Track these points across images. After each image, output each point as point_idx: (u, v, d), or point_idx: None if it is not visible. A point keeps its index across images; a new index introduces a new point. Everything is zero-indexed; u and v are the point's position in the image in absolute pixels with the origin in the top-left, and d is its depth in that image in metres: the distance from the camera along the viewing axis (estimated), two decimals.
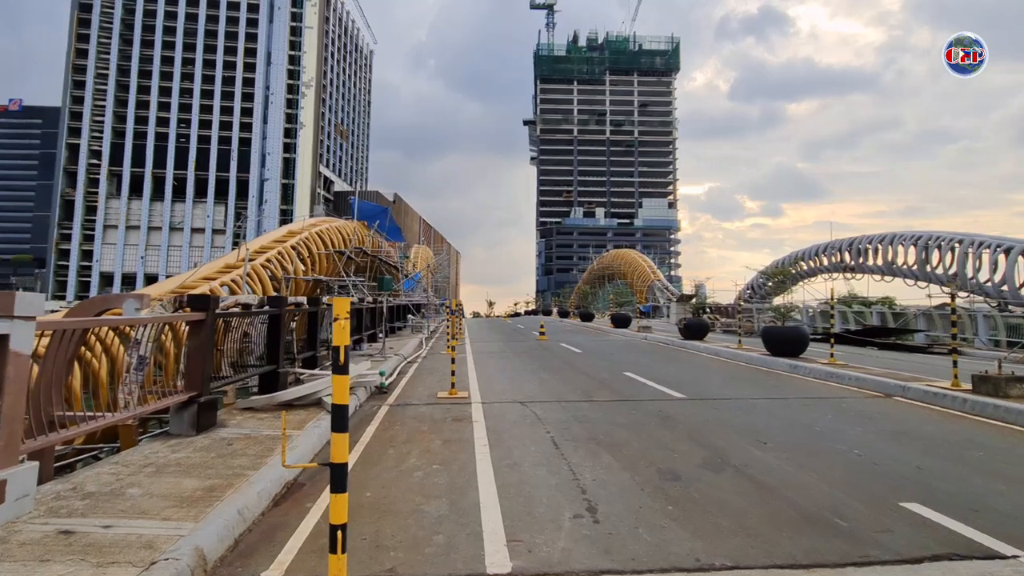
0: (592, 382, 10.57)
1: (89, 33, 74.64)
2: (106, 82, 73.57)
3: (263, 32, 79.90)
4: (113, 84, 74.19)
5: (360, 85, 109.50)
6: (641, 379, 10.86)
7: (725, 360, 14.50)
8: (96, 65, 73.98)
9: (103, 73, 73.97)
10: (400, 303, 24.18)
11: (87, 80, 74.12)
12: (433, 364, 13.51)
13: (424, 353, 16.00)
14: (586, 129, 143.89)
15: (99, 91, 74.20)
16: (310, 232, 19.79)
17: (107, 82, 73.65)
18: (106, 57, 74.95)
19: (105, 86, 73.51)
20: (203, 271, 14.30)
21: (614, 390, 9.62)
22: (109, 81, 73.92)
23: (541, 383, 10.51)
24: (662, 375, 11.40)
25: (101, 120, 72.94)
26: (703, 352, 16.11)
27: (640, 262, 61.94)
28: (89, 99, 73.56)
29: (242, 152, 77.61)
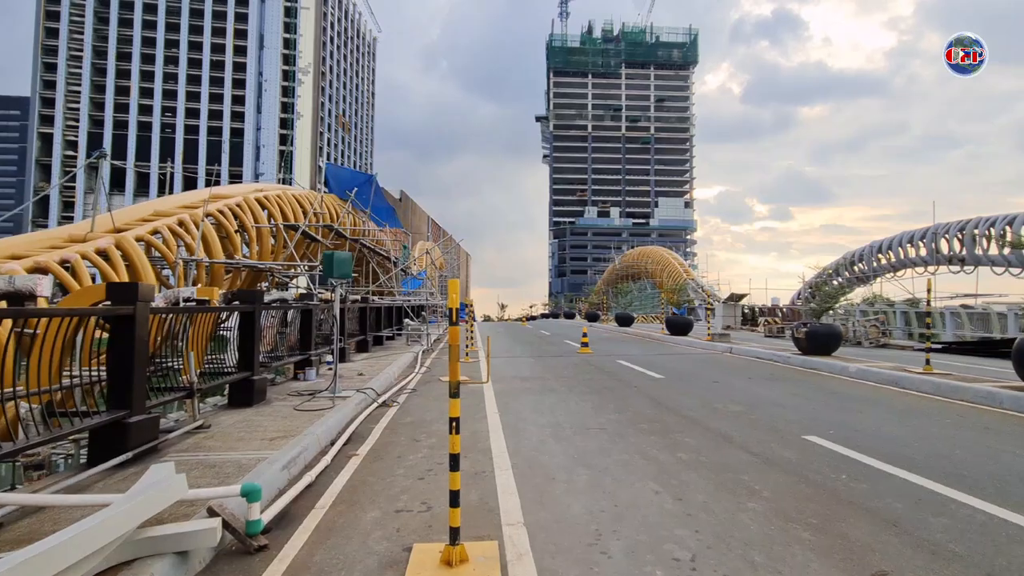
0: (779, 476, 4.60)
1: (59, 10, 68.86)
2: (80, 65, 67.70)
3: (254, 12, 74.65)
4: (88, 68, 68.31)
5: (363, 74, 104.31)
6: (900, 473, 4.87)
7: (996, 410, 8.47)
8: (69, 47, 68.14)
9: (77, 55, 67.93)
10: (392, 303, 18.42)
11: (59, 63, 68.25)
12: (422, 410, 7.62)
13: (415, 379, 10.12)
14: (601, 125, 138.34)
15: (73, 75, 68.35)
16: (246, 199, 14.09)
17: (81, 65, 67.76)
18: (79, 37, 69.09)
19: (79, 69, 67.66)
20: (23, 242, 8.74)
21: (874, 515, 3.66)
22: (84, 64, 68.11)
23: (680, 493, 4.52)
24: (926, 456, 5.42)
25: (76, 108, 67.67)
26: (913, 387, 9.87)
27: (671, 260, 55.83)
28: (62, 84, 67.67)
29: (234, 144, 72.44)
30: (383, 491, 4.17)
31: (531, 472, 4.67)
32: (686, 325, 21.51)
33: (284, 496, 3.82)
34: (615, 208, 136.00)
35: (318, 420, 5.81)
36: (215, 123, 72.87)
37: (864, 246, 35.53)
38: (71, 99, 68.19)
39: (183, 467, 4.07)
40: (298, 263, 13.31)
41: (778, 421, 6.69)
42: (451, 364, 3.23)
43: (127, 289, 4.23)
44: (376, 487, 4.27)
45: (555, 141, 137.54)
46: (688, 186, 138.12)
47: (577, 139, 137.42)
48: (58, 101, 67.10)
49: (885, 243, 32.93)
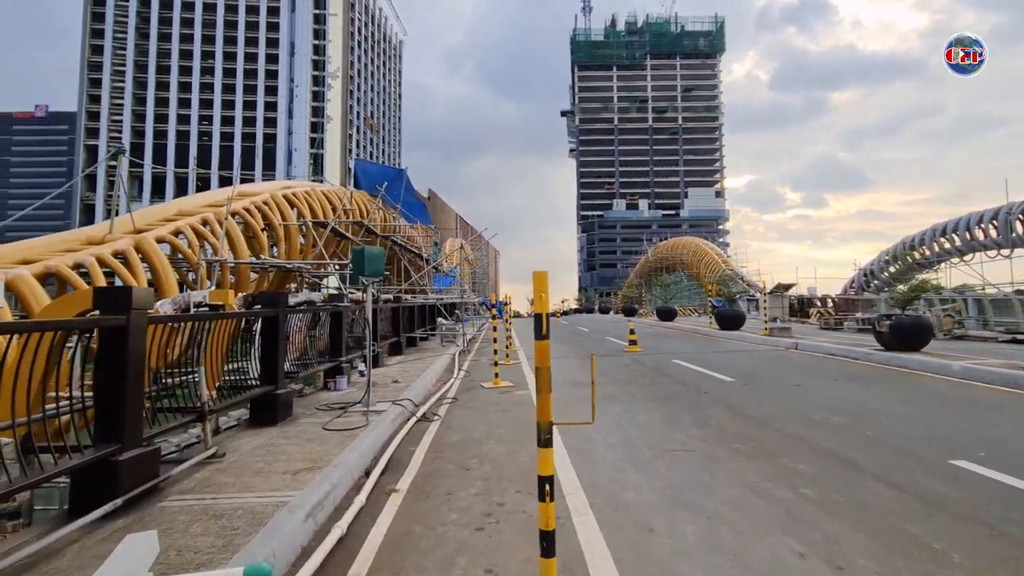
0: None
1: (103, 28, 71.36)
2: (123, 79, 70.16)
3: (285, 21, 75.57)
4: (131, 82, 70.81)
5: (390, 77, 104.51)
6: None
7: None
8: (112, 62, 70.57)
9: (120, 70, 70.46)
10: (425, 302, 17.64)
11: (103, 78, 70.66)
12: (468, 424, 6.66)
13: (455, 386, 9.20)
14: (627, 117, 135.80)
15: (116, 89, 70.56)
16: (273, 195, 13.37)
17: (124, 79, 70.29)
18: (122, 53, 71.35)
19: (122, 84, 70.18)
20: (39, 245, 8.23)
21: None
22: (126, 78, 70.59)
23: (835, 556, 3.39)
24: None
25: (119, 120, 69.82)
26: None
27: (707, 250, 53.68)
28: (106, 98, 70.12)
29: (267, 149, 73.43)
30: (434, 549, 3.22)
31: (619, 518, 3.65)
32: (738, 319, 20.06)
33: (308, 563, 2.90)
34: (644, 200, 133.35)
35: (350, 443, 4.93)
36: (249, 129, 74.11)
37: (925, 229, 33.24)
38: (115, 112, 70.55)
39: (183, 519, 3.21)
40: (328, 261, 12.62)
41: (903, 439, 5.48)
42: (540, 397, 2.28)
43: (118, 295, 3.41)
44: (424, 543, 3.32)
45: (581, 135, 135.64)
46: (718, 176, 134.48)
47: (603, 132, 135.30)
48: (102, 114, 69.42)
49: (949, 225, 30.51)
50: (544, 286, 2.37)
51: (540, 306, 2.47)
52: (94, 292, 3.30)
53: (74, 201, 67.93)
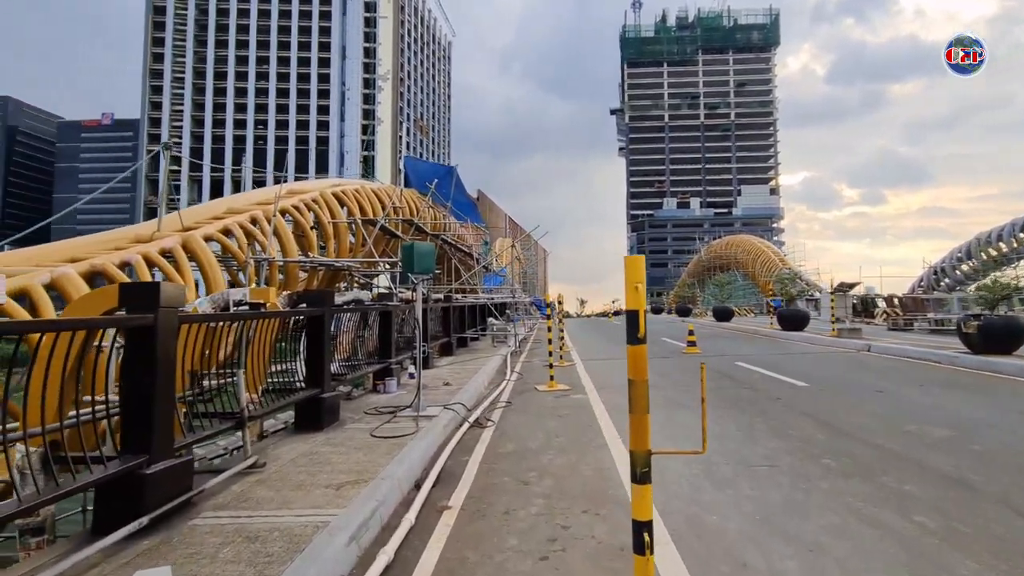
0: None
1: (164, 37, 75.58)
2: (183, 86, 74.61)
3: (336, 25, 78.00)
4: (190, 88, 75.13)
5: (439, 78, 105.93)
6: None
7: None
8: (172, 70, 74.76)
9: (179, 77, 74.84)
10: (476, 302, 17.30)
11: (164, 86, 74.77)
12: (524, 432, 6.15)
13: (507, 389, 8.72)
14: (678, 114, 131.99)
15: (176, 96, 74.55)
16: (322, 193, 13.32)
17: (183, 86, 74.71)
18: (182, 61, 75.39)
19: (182, 90, 74.60)
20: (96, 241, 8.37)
21: None
22: (185, 85, 74.85)
23: None
24: None
25: (180, 125, 74.19)
26: None
27: (763, 248, 51.11)
28: (167, 105, 74.29)
29: (320, 151, 75.92)
30: None
31: (704, 548, 3.05)
32: (801, 319, 18.64)
33: None
34: (695, 198, 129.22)
35: (399, 452, 4.53)
36: (302, 132, 76.97)
37: (1003, 224, 30.39)
38: (175, 118, 75.16)
39: (214, 541, 2.86)
40: (377, 259, 12.46)
41: (1020, 455, 4.59)
42: (634, 418, 1.75)
43: (144, 291, 3.11)
44: (481, 574, 2.83)
45: (631, 133, 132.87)
46: (772, 172, 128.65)
47: (653, 130, 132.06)
48: (163, 120, 73.98)
49: None
50: (639, 274, 1.83)
51: (634, 300, 1.92)
52: (120, 289, 3.01)
53: (137, 204, 72.41)
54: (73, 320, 2.95)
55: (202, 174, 71.53)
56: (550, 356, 9.27)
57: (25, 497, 2.56)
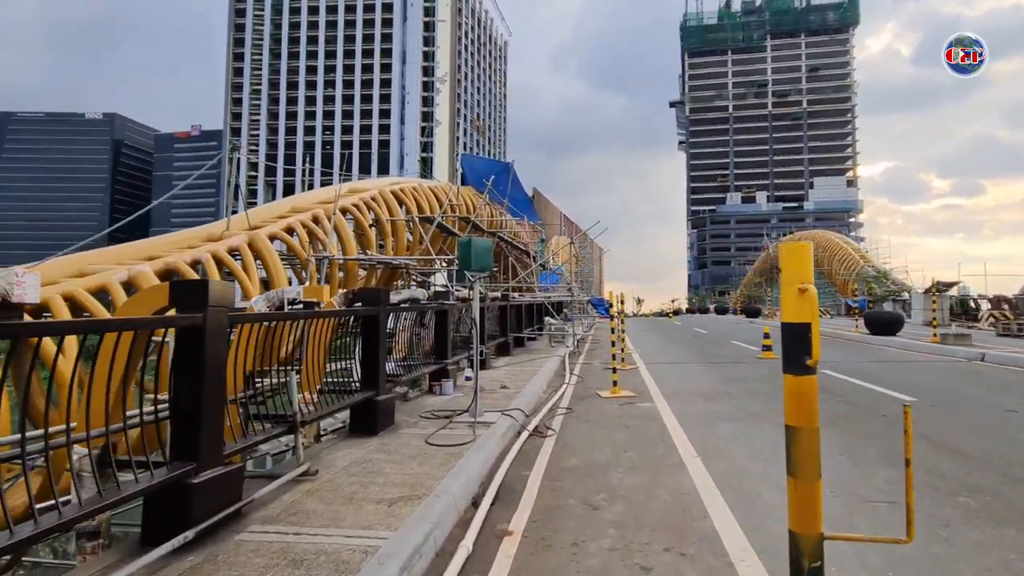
0: None
1: (243, 52, 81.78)
2: (259, 98, 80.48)
3: (397, 31, 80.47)
4: (265, 99, 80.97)
5: (495, 78, 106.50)
6: None
7: None
8: (250, 82, 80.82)
9: (256, 89, 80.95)
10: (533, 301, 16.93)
11: (243, 98, 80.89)
12: (588, 443, 5.68)
13: (567, 394, 8.27)
14: (743, 104, 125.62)
15: (253, 106, 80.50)
16: (381, 191, 13.38)
17: (260, 97, 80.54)
18: (258, 74, 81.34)
19: (259, 101, 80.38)
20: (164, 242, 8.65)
21: None
22: (262, 96, 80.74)
23: None
24: None
25: (256, 133, 79.59)
26: None
27: (842, 244, 47.51)
28: (246, 115, 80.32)
29: (382, 154, 78.40)
30: None
31: None
32: (894, 322, 16.90)
33: None
34: (761, 192, 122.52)
35: (455, 464, 4.20)
36: (365, 136, 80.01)
37: None
38: (252, 127, 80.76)
39: (258, 563, 2.61)
40: (434, 257, 12.36)
41: None
42: (798, 487, 1.31)
43: (193, 290, 2.92)
44: None
45: (692, 126, 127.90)
46: (849, 163, 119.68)
47: (716, 122, 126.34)
48: (243, 130, 79.39)
49: None
50: (804, 271, 1.33)
51: (798, 307, 1.42)
52: (170, 287, 2.84)
53: (222, 209, 77.66)
54: (118, 320, 2.81)
55: (275, 178, 75.65)
56: (614, 360, 8.71)
57: (85, 502, 2.42)
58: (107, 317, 4.96)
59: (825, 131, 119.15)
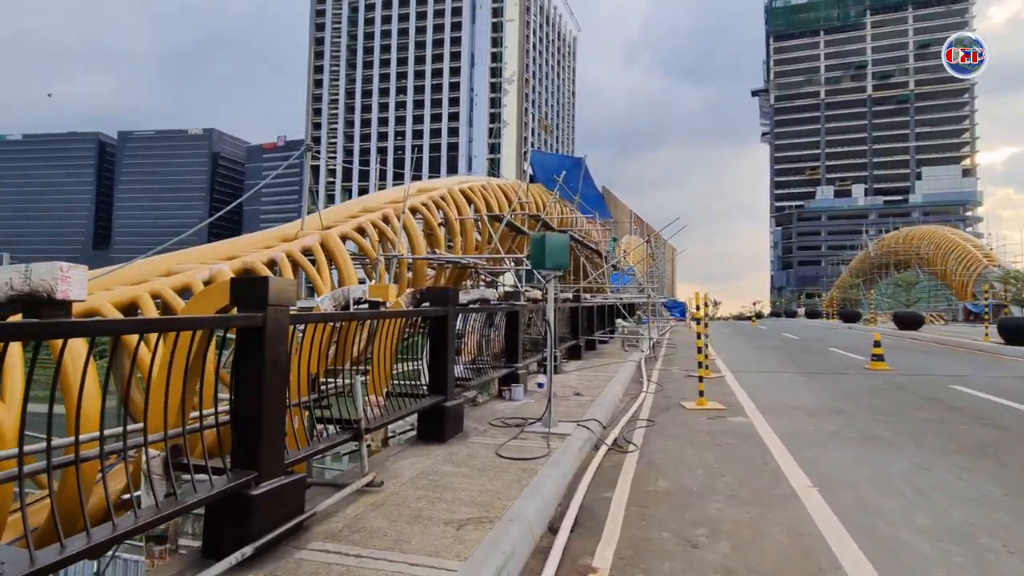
0: None
1: (323, 64, 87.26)
2: (337, 107, 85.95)
3: (466, 34, 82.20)
4: (342, 107, 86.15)
5: (564, 75, 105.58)
6: None
7: None
8: (329, 93, 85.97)
9: (334, 99, 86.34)
10: (605, 302, 16.25)
11: (323, 108, 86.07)
12: (676, 461, 5.06)
13: (646, 403, 7.62)
14: (837, 89, 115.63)
15: (332, 116, 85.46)
16: (450, 190, 13.27)
17: (338, 107, 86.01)
18: (336, 84, 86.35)
19: (336, 111, 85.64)
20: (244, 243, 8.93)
21: None
22: (339, 105, 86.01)
23: None
24: None
25: (335, 141, 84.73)
26: None
27: (958, 242, 42.33)
28: (325, 124, 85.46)
29: (451, 157, 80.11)
30: None
31: None
32: None
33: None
34: (858, 185, 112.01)
35: (529, 482, 3.78)
36: (435, 140, 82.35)
37: None
38: (331, 135, 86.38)
39: None
40: (503, 255, 12.09)
41: None
42: None
43: (253, 288, 2.71)
44: None
45: (776, 115, 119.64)
46: (966, 149, 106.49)
47: (805, 109, 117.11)
48: (322, 138, 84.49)
49: None
50: None
51: None
52: (231, 285, 2.65)
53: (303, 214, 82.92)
54: (173, 319, 2.66)
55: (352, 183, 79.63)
56: (700, 368, 7.94)
57: (141, 513, 2.26)
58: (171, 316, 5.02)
59: (936, 115, 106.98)
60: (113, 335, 2.03)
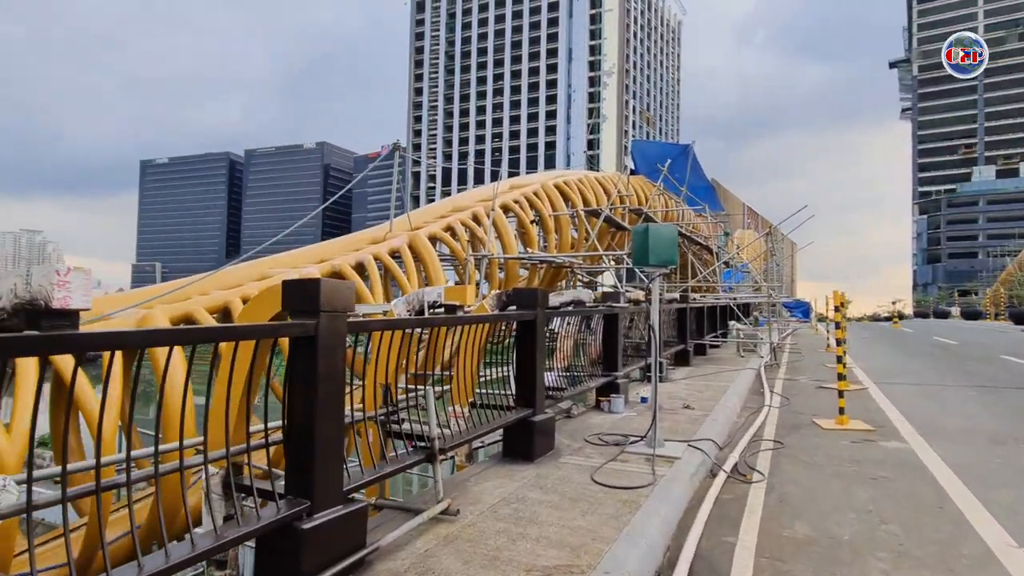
0: None
1: (422, 73, 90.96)
2: (436, 113, 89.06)
3: (563, 29, 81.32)
4: (441, 114, 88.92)
5: (667, 63, 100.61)
6: None
7: None
8: (428, 100, 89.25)
9: (433, 105, 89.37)
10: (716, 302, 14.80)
11: (423, 115, 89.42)
12: (818, 499, 4.10)
13: (771, 419, 6.56)
14: (1001, 51, 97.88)
15: (431, 122, 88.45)
16: (543, 185, 12.58)
17: (437, 112, 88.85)
18: (435, 90, 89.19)
19: (436, 117, 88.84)
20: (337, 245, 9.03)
21: None
22: (438, 111, 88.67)
23: None
24: None
25: (434, 147, 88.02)
26: None
27: None
28: (425, 131, 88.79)
29: (548, 156, 79.66)
30: None
31: None
32: None
33: None
34: None
35: (631, 519, 3.17)
36: (532, 140, 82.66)
37: None
38: (430, 141, 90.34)
39: None
40: (601, 253, 11.34)
41: None
42: None
43: (304, 292, 2.41)
44: None
45: (920, 87, 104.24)
46: None
47: (956, 79, 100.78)
48: (423, 144, 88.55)
49: None
50: None
51: None
52: (283, 289, 2.37)
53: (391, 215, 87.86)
54: (208, 328, 2.45)
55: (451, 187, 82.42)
56: (841, 381, 6.70)
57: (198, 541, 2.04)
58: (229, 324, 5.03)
59: None
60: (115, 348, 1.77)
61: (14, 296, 1.63)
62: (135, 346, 2.00)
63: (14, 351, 1.54)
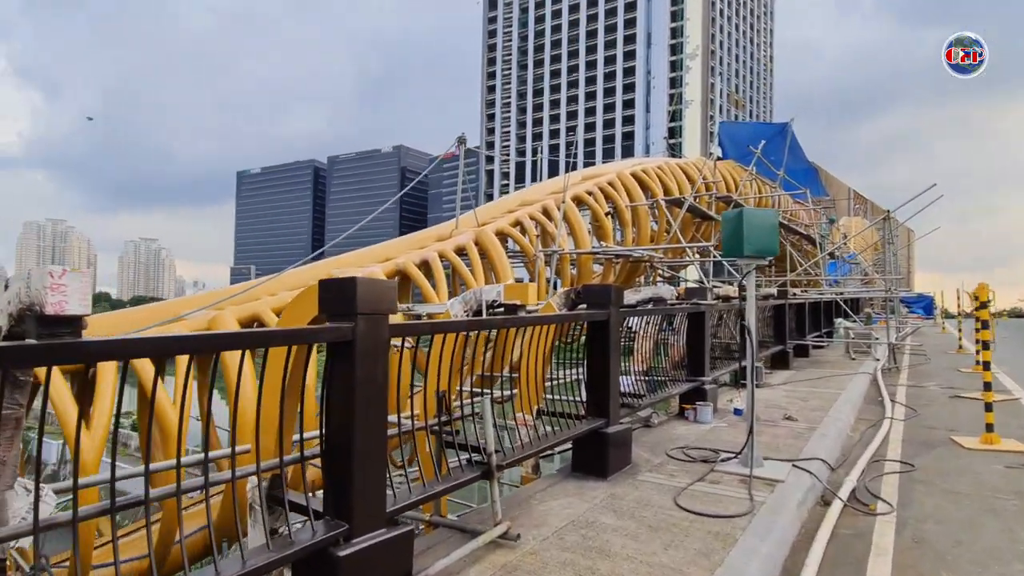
0: None
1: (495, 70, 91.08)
2: (509, 110, 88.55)
3: (641, 13, 78.03)
4: (514, 111, 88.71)
5: (758, 40, 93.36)
6: None
7: None
8: (501, 97, 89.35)
9: (507, 102, 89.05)
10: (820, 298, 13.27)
11: (496, 113, 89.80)
12: (965, 542, 3.27)
13: (893, 434, 5.60)
14: None
15: (504, 119, 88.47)
16: (619, 174, 11.61)
17: (510, 110, 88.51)
18: (507, 87, 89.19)
19: (509, 114, 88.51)
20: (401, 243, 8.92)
21: None
22: (511, 108, 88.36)
23: None
24: None
25: (507, 145, 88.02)
26: None
27: None
28: (498, 128, 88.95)
29: (625, 147, 76.84)
30: None
31: None
32: None
33: None
34: None
35: (724, 558, 2.66)
36: (608, 131, 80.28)
37: None
38: (504, 138, 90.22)
39: None
40: (684, 245, 10.44)
41: None
42: None
43: (340, 292, 2.18)
44: None
45: None
46: None
47: None
48: (496, 142, 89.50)
49: None
50: None
51: None
52: (319, 289, 2.15)
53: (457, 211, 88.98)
54: (207, 335, 2.27)
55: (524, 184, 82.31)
56: (986, 390, 5.58)
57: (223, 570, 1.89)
58: None
59: None
60: (156, 356, 1.63)
61: (19, 301, 1.52)
62: (136, 356, 1.86)
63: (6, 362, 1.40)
